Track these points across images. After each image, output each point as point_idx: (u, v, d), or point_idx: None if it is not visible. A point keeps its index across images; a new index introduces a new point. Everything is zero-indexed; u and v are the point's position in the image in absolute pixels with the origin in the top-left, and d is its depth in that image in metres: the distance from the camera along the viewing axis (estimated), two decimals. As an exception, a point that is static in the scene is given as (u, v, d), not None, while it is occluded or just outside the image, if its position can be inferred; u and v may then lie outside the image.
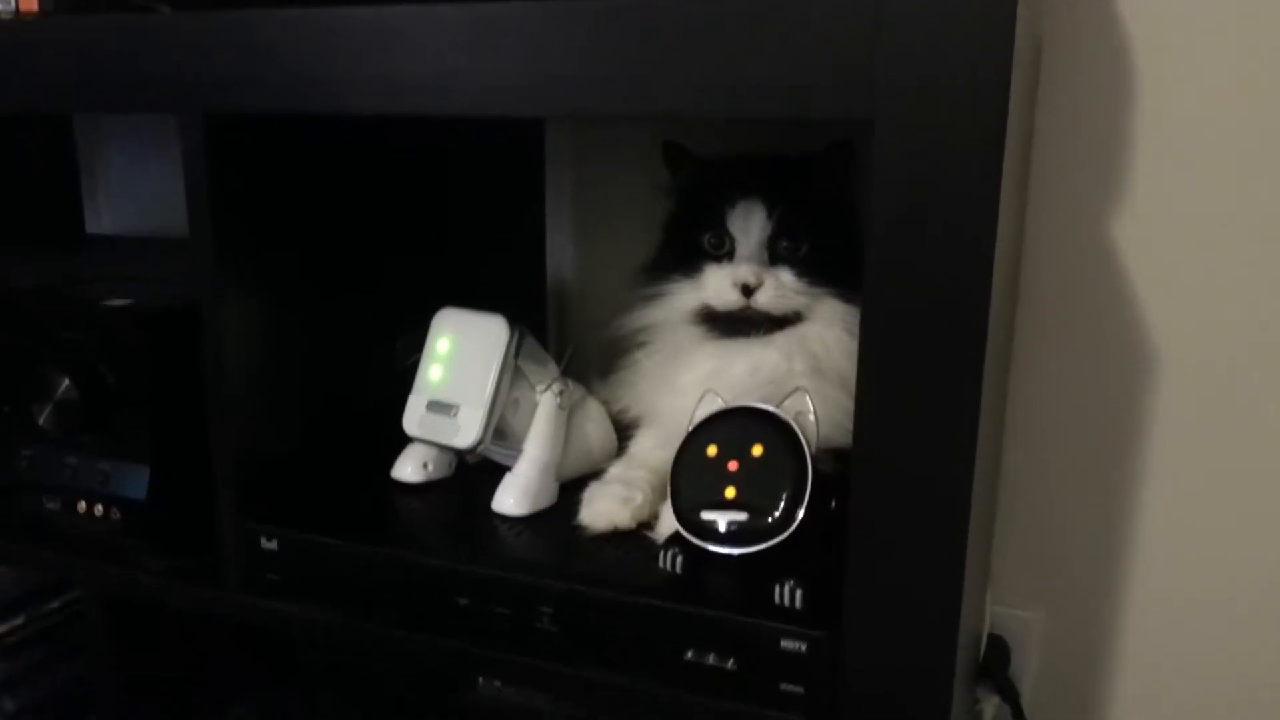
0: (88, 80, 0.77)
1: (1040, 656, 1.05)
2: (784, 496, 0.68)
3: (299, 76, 0.69)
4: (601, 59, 0.62)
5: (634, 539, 0.79)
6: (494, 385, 0.82)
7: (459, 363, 0.85)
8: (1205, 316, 0.94)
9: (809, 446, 0.69)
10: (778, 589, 0.67)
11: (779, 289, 0.82)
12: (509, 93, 0.65)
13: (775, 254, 0.83)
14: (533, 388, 0.85)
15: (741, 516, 0.68)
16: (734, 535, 0.69)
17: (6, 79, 0.80)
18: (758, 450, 0.69)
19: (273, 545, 0.81)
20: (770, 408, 0.71)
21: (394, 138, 0.92)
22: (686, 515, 0.71)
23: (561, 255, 1.20)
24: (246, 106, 0.72)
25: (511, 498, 0.83)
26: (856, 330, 0.81)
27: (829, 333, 0.82)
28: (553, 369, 0.86)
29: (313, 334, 0.88)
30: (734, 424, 0.72)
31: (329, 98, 0.69)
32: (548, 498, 0.85)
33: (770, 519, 0.68)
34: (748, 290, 0.81)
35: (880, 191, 0.57)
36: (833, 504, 0.70)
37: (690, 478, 0.72)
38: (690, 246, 0.86)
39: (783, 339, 0.82)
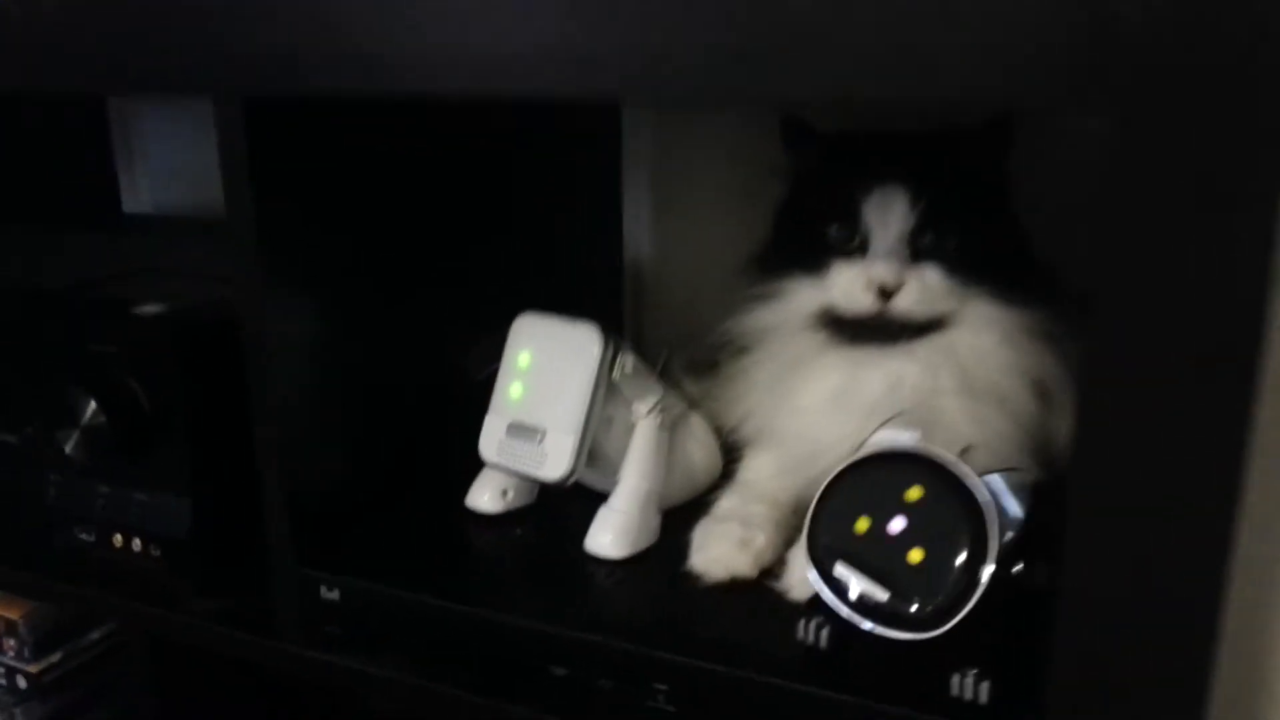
0: (114, 60, 0.64)
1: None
2: (943, 589, 0.55)
3: (358, 53, 0.56)
4: (735, 29, 0.48)
5: (757, 591, 0.67)
6: (586, 409, 0.70)
7: (544, 380, 0.73)
8: None
9: (995, 529, 0.55)
10: (956, 678, 0.54)
11: (923, 291, 0.68)
12: (608, 70, 0.51)
13: (918, 249, 0.69)
14: (628, 405, 0.73)
15: (881, 595, 0.56)
16: (865, 610, 0.56)
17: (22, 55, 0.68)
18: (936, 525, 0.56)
19: (334, 596, 0.70)
20: (969, 478, 0.57)
21: (456, 118, 0.79)
22: (819, 557, 0.59)
23: (639, 245, 1.06)
24: (292, 90, 0.59)
25: (608, 536, 0.71)
26: (1015, 338, 0.69)
27: (982, 341, 0.69)
28: (653, 387, 0.73)
29: (373, 343, 0.76)
30: (914, 475, 0.58)
31: (394, 77, 0.56)
32: (649, 535, 0.73)
33: (910, 611, 0.55)
34: (885, 293, 0.68)
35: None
36: (1017, 567, 0.57)
37: (839, 517, 0.59)
38: (812, 239, 0.72)
39: (925, 348, 0.69)
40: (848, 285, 0.69)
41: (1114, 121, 0.42)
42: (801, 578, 0.65)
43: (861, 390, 0.69)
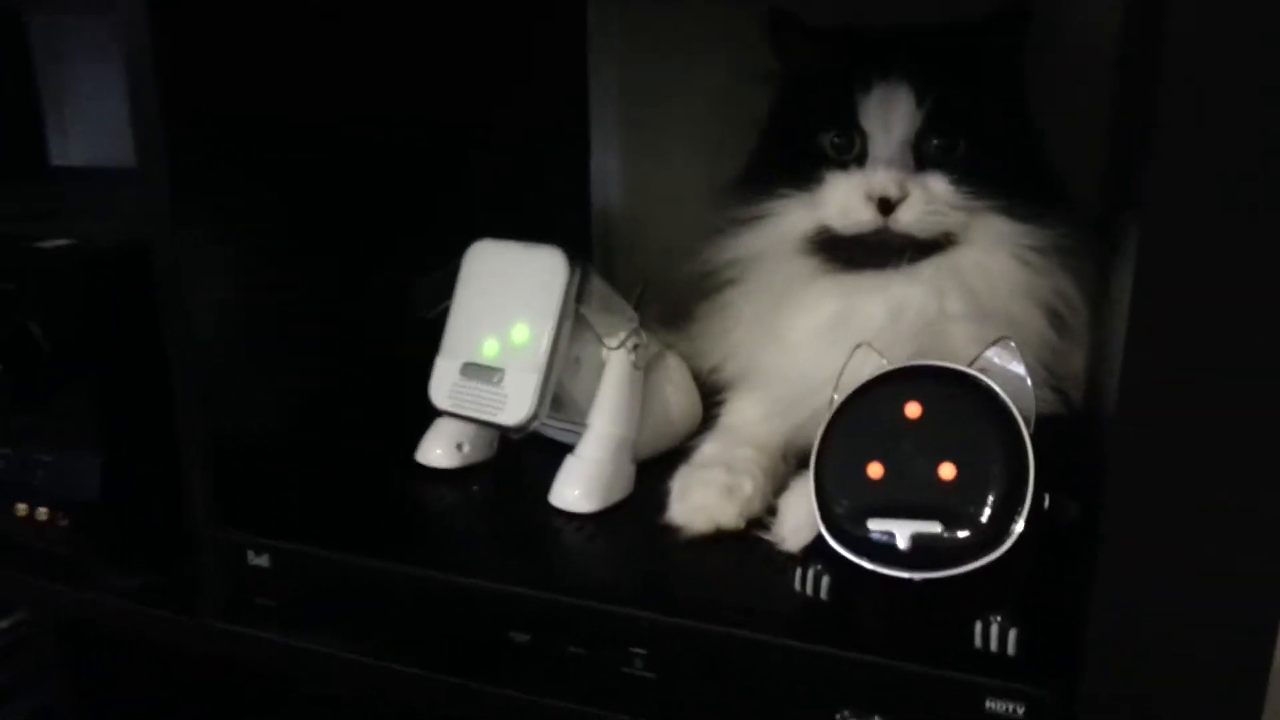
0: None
1: None
2: (991, 498, 0.47)
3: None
4: None
5: (745, 543, 0.59)
6: (550, 342, 0.62)
7: (502, 312, 0.64)
8: None
9: (1026, 425, 0.48)
10: (978, 627, 0.47)
11: (930, 202, 0.60)
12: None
13: (923, 156, 0.61)
14: (599, 342, 0.65)
15: (933, 528, 0.48)
16: (922, 554, 0.48)
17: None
18: (951, 432, 0.48)
19: (263, 561, 0.61)
20: (967, 369, 0.50)
21: (403, 25, 0.71)
22: (844, 527, 0.50)
23: (608, 173, 0.98)
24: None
25: (577, 489, 0.63)
26: (1027, 257, 0.61)
27: (992, 260, 0.61)
28: (626, 317, 0.65)
29: (309, 278, 0.67)
30: (908, 391, 0.50)
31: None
32: (623, 487, 0.65)
33: (970, 531, 0.47)
34: (887, 206, 0.60)
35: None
36: (1045, 501, 0.49)
37: (847, 472, 0.51)
38: (804, 150, 0.64)
39: (930, 269, 0.61)
40: (845, 199, 0.61)
41: None
42: (795, 526, 0.57)
43: (859, 318, 0.61)
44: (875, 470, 0.50)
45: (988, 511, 0.47)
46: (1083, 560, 0.45)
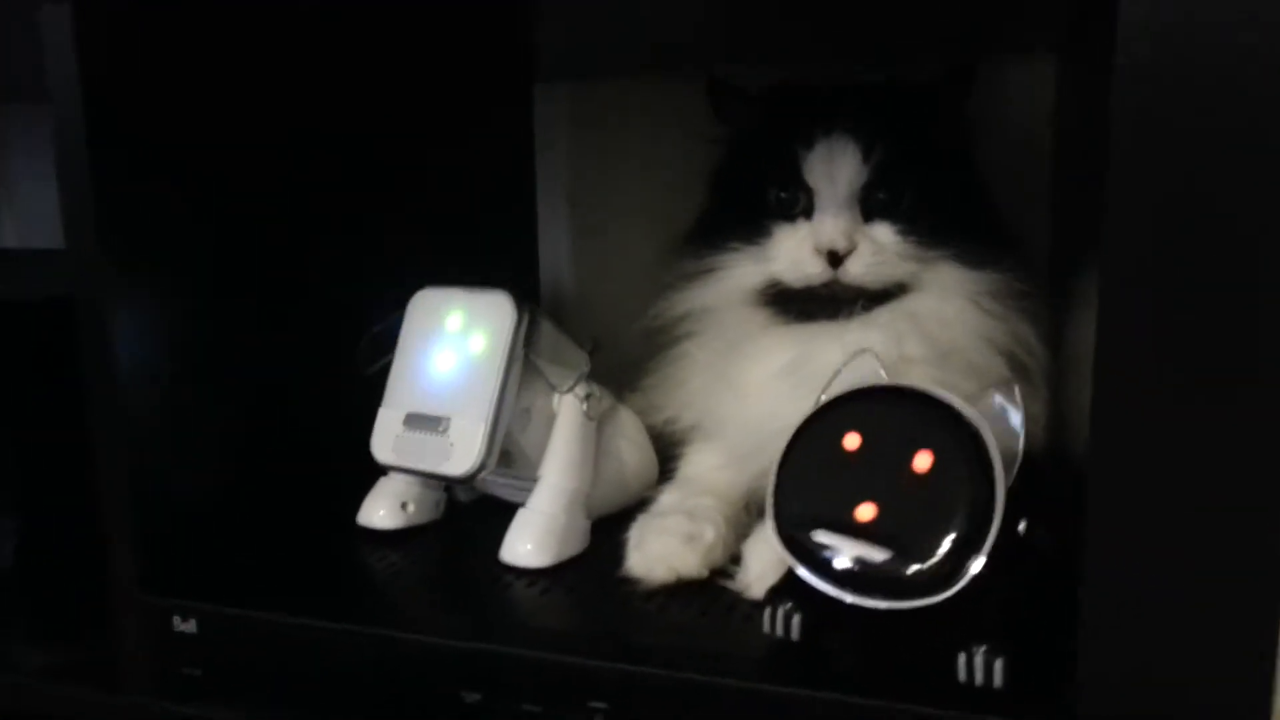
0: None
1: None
2: (950, 536, 0.45)
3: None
4: None
5: (709, 592, 0.56)
6: (498, 388, 0.59)
7: (447, 359, 0.62)
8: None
9: (1006, 465, 0.46)
10: (962, 658, 0.44)
11: (878, 253, 0.60)
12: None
13: (870, 207, 0.61)
14: (551, 391, 0.62)
15: (877, 555, 0.45)
16: (865, 580, 0.46)
17: None
18: (923, 460, 0.46)
19: (190, 627, 0.57)
20: (951, 398, 0.48)
21: (342, 88, 0.70)
22: (791, 531, 0.48)
23: (556, 235, 0.97)
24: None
25: (529, 542, 0.60)
26: (982, 303, 0.61)
27: (948, 306, 0.60)
28: (576, 364, 0.63)
29: (240, 332, 0.64)
30: (890, 412, 0.49)
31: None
32: (577, 542, 0.62)
33: (921, 565, 0.45)
34: (835, 258, 0.59)
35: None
36: (1021, 526, 0.47)
37: (806, 477, 0.49)
38: (751, 205, 0.64)
39: (886, 315, 0.60)
40: (793, 252, 0.61)
41: None
42: (761, 572, 0.55)
43: (815, 365, 0.59)
44: (835, 482, 0.48)
45: (942, 549, 0.45)
46: (1064, 586, 0.43)
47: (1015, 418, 0.48)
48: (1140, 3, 0.36)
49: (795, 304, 0.62)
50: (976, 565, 0.45)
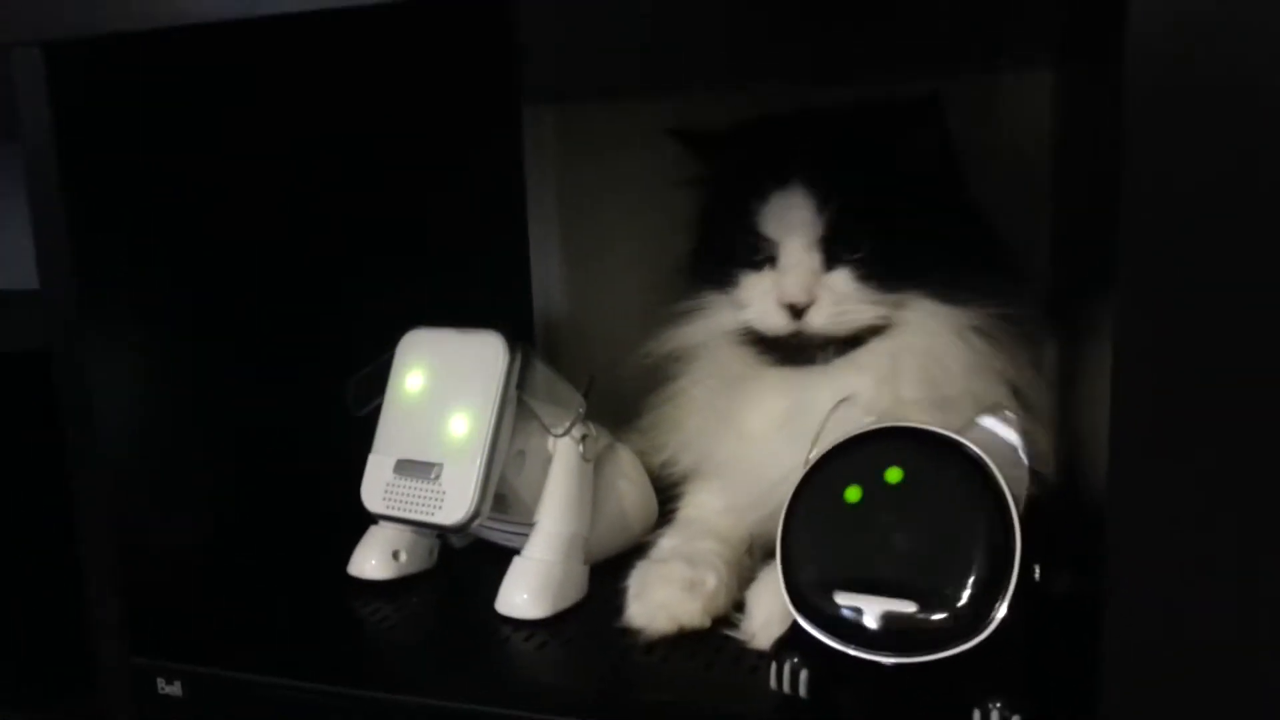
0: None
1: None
2: (972, 578, 0.43)
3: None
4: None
5: (712, 642, 0.54)
6: (491, 432, 0.57)
7: (438, 404, 0.60)
8: None
9: (1015, 500, 0.44)
10: (977, 715, 0.42)
11: (839, 303, 0.58)
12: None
13: (831, 256, 0.59)
14: (545, 433, 0.60)
15: (907, 607, 0.43)
16: (895, 636, 0.44)
17: None
18: (928, 500, 0.45)
19: (175, 689, 0.55)
20: (953, 435, 0.46)
21: (327, 106, 0.69)
22: (810, 599, 0.46)
23: (548, 271, 0.96)
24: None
25: (525, 592, 0.58)
26: (970, 336, 0.58)
27: (935, 342, 0.58)
28: (574, 404, 0.61)
29: (226, 381, 0.62)
30: (885, 455, 0.47)
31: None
32: (576, 589, 0.60)
33: (949, 613, 0.43)
34: (797, 311, 0.58)
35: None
36: (1036, 573, 0.45)
37: (814, 539, 0.47)
38: (723, 250, 0.62)
39: (875, 358, 0.58)
40: (759, 302, 0.60)
41: None
42: (766, 620, 0.53)
43: (812, 412, 0.58)
44: (847, 539, 0.46)
45: (968, 593, 0.43)
46: (1081, 635, 0.41)
47: (1016, 444, 0.46)
48: (1151, 14, 0.34)
49: (776, 349, 0.60)
50: (1001, 610, 0.43)
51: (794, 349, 0.59)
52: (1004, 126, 0.77)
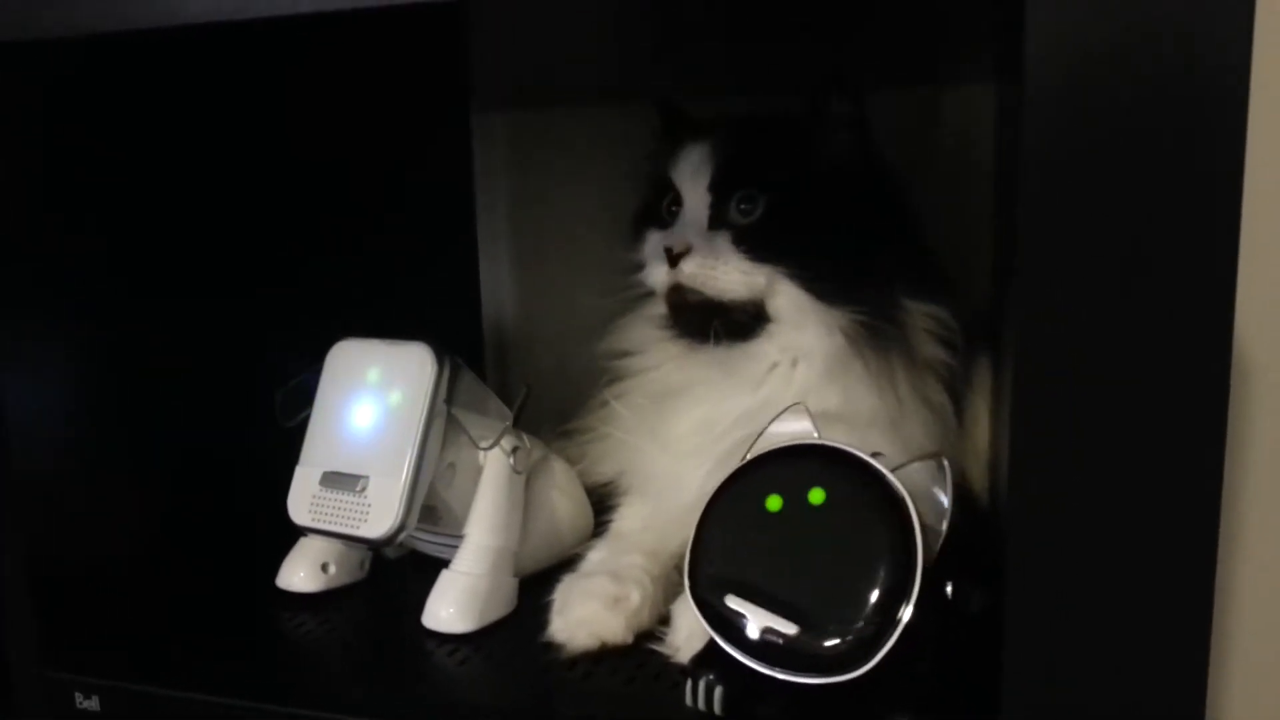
0: None
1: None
2: (858, 624, 0.43)
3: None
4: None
5: (635, 657, 0.54)
6: (418, 445, 0.57)
7: (365, 414, 0.59)
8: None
9: (933, 537, 0.44)
10: (886, 734, 0.42)
11: (709, 257, 0.59)
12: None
13: (719, 217, 0.61)
14: (474, 445, 0.60)
15: (788, 628, 0.43)
16: (774, 651, 0.44)
17: None
18: (841, 524, 0.45)
19: (93, 704, 0.54)
20: (883, 470, 0.46)
21: (269, 111, 0.68)
22: (706, 594, 0.46)
23: (498, 275, 0.95)
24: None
25: (451, 607, 0.58)
26: (864, 340, 0.58)
27: (824, 343, 0.58)
28: (501, 417, 0.61)
29: (153, 384, 0.61)
30: (810, 472, 0.47)
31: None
32: (503, 603, 0.59)
33: (831, 642, 0.43)
34: (673, 258, 0.59)
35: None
36: (948, 589, 0.45)
37: (724, 539, 0.48)
38: (644, 210, 0.66)
39: (792, 372, 0.59)
40: (652, 258, 0.62)
41: None
42: (690, 634, 0.52)
43: (727, 422, 0.59)
44: (756, 545, 0.47)
45: (850, 634, 0.43)
46: (988, 645, 0.41)
47: (943, 495, 0.46)
48: (1047, 28, 0.34)
49: (672, 325, 0.63)
50: (886, 648, 0.43)
51: (684, 319, 0.61)
52: (952, 142, 0.77)
